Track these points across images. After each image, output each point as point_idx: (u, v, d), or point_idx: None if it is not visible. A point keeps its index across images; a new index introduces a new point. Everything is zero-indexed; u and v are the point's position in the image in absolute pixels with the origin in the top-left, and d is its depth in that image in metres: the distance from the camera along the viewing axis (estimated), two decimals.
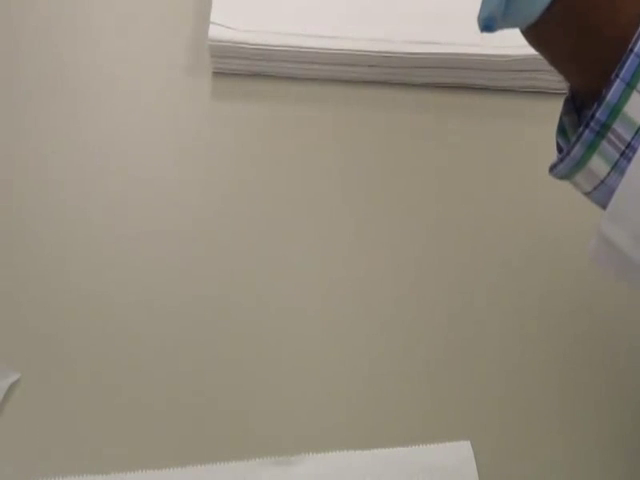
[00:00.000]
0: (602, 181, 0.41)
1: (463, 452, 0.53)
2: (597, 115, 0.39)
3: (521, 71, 0.71)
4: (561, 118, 0.45)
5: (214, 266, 0.61)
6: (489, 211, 0.65)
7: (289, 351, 0.58)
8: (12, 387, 0.55)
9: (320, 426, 0.55)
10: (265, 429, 0.54)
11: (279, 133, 0.69)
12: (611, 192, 0.40)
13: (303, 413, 0.55)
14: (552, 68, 0.70)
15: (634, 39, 0.38)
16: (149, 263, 0.61)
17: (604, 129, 0.39)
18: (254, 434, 0.54)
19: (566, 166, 0.42)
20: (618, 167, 0.40)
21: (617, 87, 0.38)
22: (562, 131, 0.45)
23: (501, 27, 0.42)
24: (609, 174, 0.40)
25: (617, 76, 0.38)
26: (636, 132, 0.38)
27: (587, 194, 0.43)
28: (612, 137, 0.39)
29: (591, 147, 0.40)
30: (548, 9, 0.40)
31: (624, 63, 0.38)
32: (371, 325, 0.59)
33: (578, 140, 0.40)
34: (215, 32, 0.71)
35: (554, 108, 0.77)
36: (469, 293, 0.61)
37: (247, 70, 0.72)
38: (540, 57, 0.71)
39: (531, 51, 0.69)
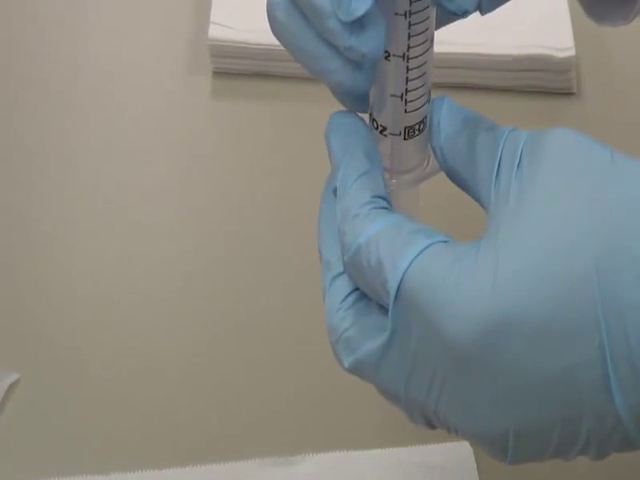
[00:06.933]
0: None
1: (463, 452, 0.53)
2: None
3: (521, 71, 0.70)
4: None
5: (216, 266, 0.61)
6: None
7: (289, 350, 0.58)
8: (12, 387, 0.55)
9: (320, 426, 0.55)
10: (265, 429, 0.54)
11: (279, 133, 0.69)
12: None
13: (303, 413, 0.55)
14: (552, 68, 0.71)
15: None
16: (149, 263, 0.61)
17: None
18: (254, 434, 0.54)
19: None
20: None
21: None
22: None
23: None
24: None
25: None
26: None
27: None
28: None
29: None
30: None
31: None
32: None
33: None
34: (215, 32, 0.71)
35: (554, 108, 0.77)
36: None
37: (247, 70, 0.72)
38: (540, 57, 0.71)
39: (531, 51, 0.70)
